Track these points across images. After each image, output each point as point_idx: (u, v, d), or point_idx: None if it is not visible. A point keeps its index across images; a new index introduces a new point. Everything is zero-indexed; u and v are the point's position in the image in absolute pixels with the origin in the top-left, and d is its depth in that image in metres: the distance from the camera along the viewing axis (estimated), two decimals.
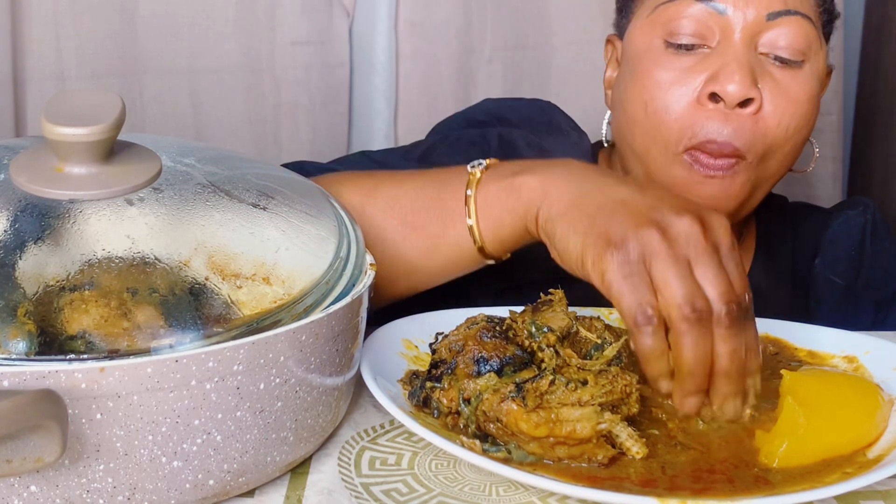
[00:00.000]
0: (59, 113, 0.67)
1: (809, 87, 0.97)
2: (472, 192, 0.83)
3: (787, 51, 0.96)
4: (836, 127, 1.72)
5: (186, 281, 0.64)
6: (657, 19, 0.98)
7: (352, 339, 0.71)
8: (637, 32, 1.01)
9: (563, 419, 0.67)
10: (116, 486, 0.60)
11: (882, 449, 0.70)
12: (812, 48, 0.97)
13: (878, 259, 1.11)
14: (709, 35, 0.96)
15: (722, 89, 0.94)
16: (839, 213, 1.13)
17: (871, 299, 1.10)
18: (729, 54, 0.95)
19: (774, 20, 0.96)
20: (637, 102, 0.99)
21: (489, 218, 0.83)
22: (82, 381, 0.58)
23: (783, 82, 0.96)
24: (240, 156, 0.81)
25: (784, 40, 0.96)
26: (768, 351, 0.85)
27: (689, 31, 0.96)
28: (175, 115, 1.60)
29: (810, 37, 0.97)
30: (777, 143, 0.97)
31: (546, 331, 0.75)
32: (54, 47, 1.54)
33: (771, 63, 0.96)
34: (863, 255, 1.10)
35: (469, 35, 1.64)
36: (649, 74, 0.98)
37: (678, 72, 0.96)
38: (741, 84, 0.93)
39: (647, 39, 0.99)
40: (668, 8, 0.98)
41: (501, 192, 0.82)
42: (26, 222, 0.65)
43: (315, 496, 0.67)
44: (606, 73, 1.08)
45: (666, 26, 0.97)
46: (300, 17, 1.59)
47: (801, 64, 0.97)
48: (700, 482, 0.66)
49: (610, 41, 1.09)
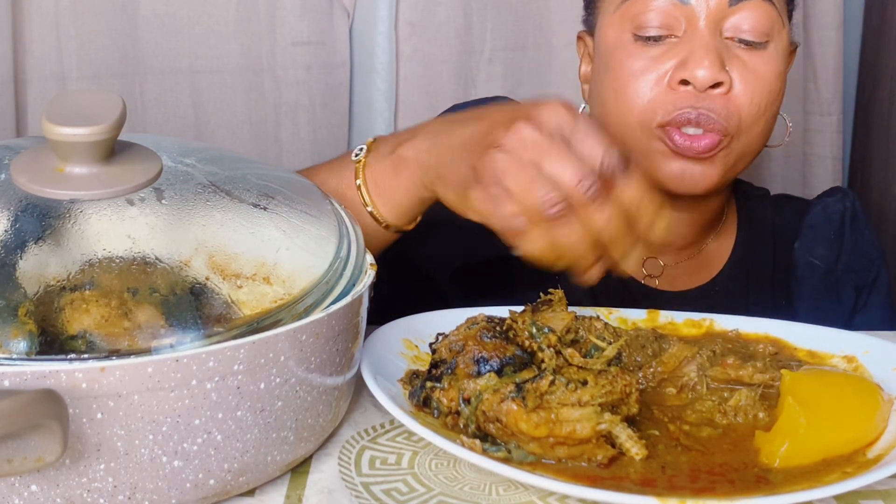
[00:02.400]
0: (59, 113, 0.68)
1: (775, 65, 1.02)
2: (360, 181, 0.88)
3: (751, 33, 1.00)
4: (836, 127, 1.72)
5: (187, 281, 0.64)
6: (625, 14, 1.03)
7: (352, 338, 0.71)
8: (606, 28, 1.05)
9: (563, 419, 0.67)
10: (117, 486, 0.60)
11: (882, 448, 0.70)
12: (775, 28, 1.02)
13: (858, 245, 1.15)
14: (675, 25, 1.00)
15: (691, 75, 0.98)
16: (818, 201, 1.18)
17: (852, 284, 1.14)
18: (696, 41, 0.99)
19: (736, 5, 1.00)
20: (609, 93, 1.03)
21: (384, 198, 0.88)
22: (83, 381, 0.58)
23: (750, 63, 1.01)
24: (240, 156, 0.81)
25: (747, 24, 1.00)
26: (768, 351, 0.85)
27: (655, 23, 1.01)
28: (176, 115, 1.61)
29: (772, 17, 1.01)
30: (750, 120, 1.01)
31: (547, 331, 0.75)
32: (55, 48, 1.54)
33: (737, 46, 1.01)
34: (842, 240, 1.15)
35: (469, 35, 1.64)
36: (621, 66, 1.02)
37: (648, 60, 1.01)
38: (710, 69, 0.98)
39: (617, 34, 1.03)
40: (635, 3, 1.02)
41: (387, 173, 0.87)
42: (27, 222, 0.65)
43: (315, 495, 0.67)
44: (581, 69, 1.13)
45: (633, 20, 1.02)
46: (300, 17, 1.59)
47: (766, 45, 1.01)
48: (700, 482, 0.66)
49: (581, 38, 1.13)
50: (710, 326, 0.89)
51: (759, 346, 0.86)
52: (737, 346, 0.86)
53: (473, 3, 1.63)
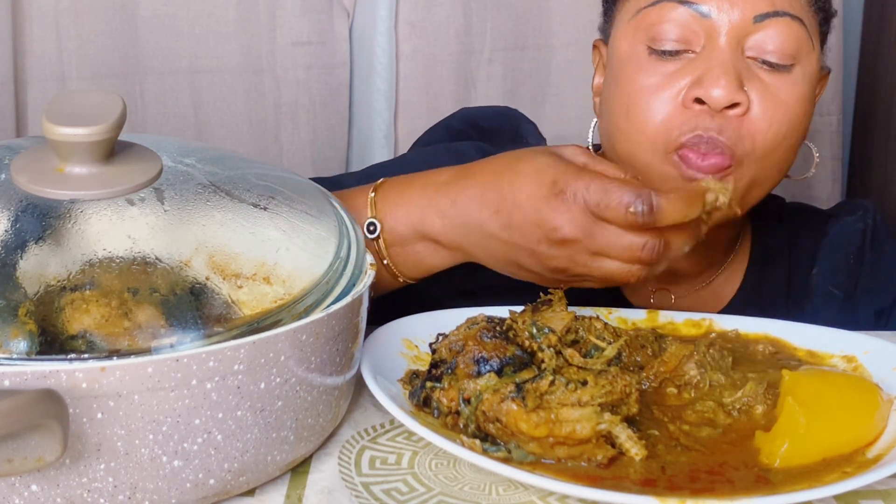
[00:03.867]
0: (60, 113, 0.68)
1: (800, 90, 0.94)
2: (388, 261, 0.88)
3: (776, 54, 0.93)
4: (835, 127, 1.72)
5: (187, 281, 0.64)
6: (639, 24, 0.95)
7: (352, 338, 0.71)
8: (620, 38, 0.98)
9: (563, 419, 0.67)
10: (117, 486, 0.60)
11: (881, 448, 0.70)
12: (802, 50, 0.94)
13: (878, 264, 1.08)
14: (693, 39, 0.93)
15: (706, 94, 0.90)
16: (837, 220, 1.10)
17: (871, 307, 1.07)
18: (714, 58, 0.92)
19: (762, 22, 0.92)
20: (620, 109, 0.96)
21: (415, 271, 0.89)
22: (83, 381, 0.58)
23: (772, 85, 0.93)
24: (240, 156, 0.81)
25: (772, 43, 0.92)
26: (768, 351, 0.85)
27: (672, 36, 0.93)
28: (176, 115, 1.61)
29: (801, 39, 0.93)
30: (768, 147, 0.93)
31: (547, 331, 0.75)
32: (55, 48, 1.54)
33: (759, 66, 0.93)
34: (862, 261, 1.07)
35: (469, 35, 1.64)
36: (632, 81, 0.95)
37: (662, 77, 0.93)
38: (727, 89, 0.90)
39: (630, 45, 0.96)
40: (651, 12, 0.94)
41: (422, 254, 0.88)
42: (27, 222, 0.65)
43: (315, 495, 0.67)
44: (594, 80, 1.06)
45: (648, 31, 0.94)
46: (300, 17, 1.59)
47: (791, 67, 0.93)
48: (699, 482, 0.66)
49: (596, 46, 1.06)
50: (709, 326, 0.89)
51: (758, 346, 0.86)
52: (737, 346, 0.86)
53: (473, 3, 1.63)
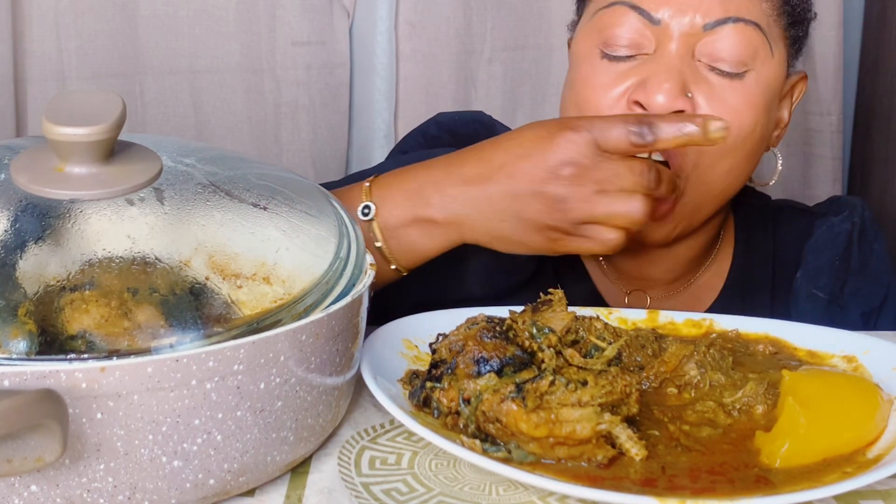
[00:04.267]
0: (59, 113, 0.68)
1: (750, 97, 0.92)
2: (380, 244, 0.87)
3: (727, 62, 0.92)
4: (835, 127, 1.72)
5: (187, 281, 0.64)
6: (595, 25, 0.96)
7: (352, 338, 0.71)
8: (580, 37, 0.99)
9: (563, 420, 0.67)
10: (117, 486, 0.60)
11: (882, 448, 0.70)
12: (758, 56, 0.92)
13: (866, 263, 1.06)
14: (645, 44, 0.93)
15: (647, 99, 0.90)
16: (823, 219, 1.08)
17: (859, 310, 1.05)
18: (662, 63, 0.91)
19: (712, 29, 0.91)
20: (572, 106, 0.97)
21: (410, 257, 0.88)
22: (83, 381, 0.58)
23: (721, 91, 0.92)
24: (240, 156, 0.81)
25: (725, 50, 0.91)
26: (768, 351, 0.85)
27: (624, 41, 0.93)
28: (175, 115, 1.61)
29: (754, 43, 0.92)
30: (714, 156, 0.92)
31: (547, 331, 0.75)
32: (55, 47, 1.54)
33: (709, 70, 0.92)
34: (849, 263, 1.06)
35: (469, 35, 1.64)
36: (585, 80, 0.95)
37: (612, 76, 0.94)
38: (668, 94, 0.89)
39: (587, 46, 0.97)
40: (605, 14, 0.95)
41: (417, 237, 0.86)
42: (27, 222, 0.65)
43: (315, 496, 0.67)
44: None
45: (602, 34, 0.95)
46: (300, 17, 1.59)
47: (744, 74, 0.92)
48: (700, 482, 0.66)
49: (569, 44, 1.06)
50: (709, 326, 0.89)
51: (758, 346, 0.86)
52: (737, 346, 0.86)
53: (473, 3, 1.63)
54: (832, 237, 1.06)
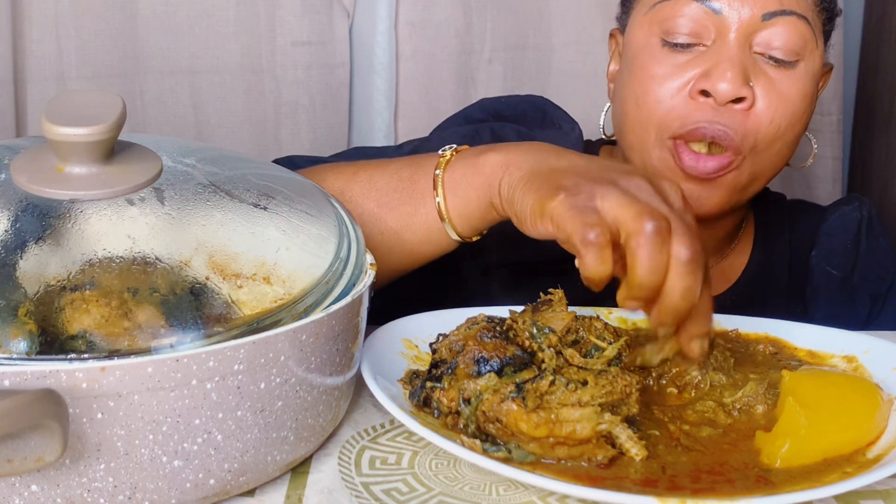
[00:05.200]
0: (59, 113, 0.68)
1: (802, 86, 0.99)
2: (440, 171, 0.86)
3: (782, 51, 0.98)
4: (836, 127, 1.72)
5: (187, 280, 0.64)
6: (655, 17, 1.00)
7: (352, 338, 0.71)
8: (636, 29, 1.03)
9: (563, 419, 0.67)
10: (117, 486, 0.60)
11: (882, 448, 0.70)
12: (807, 47, 0.99)
13: (874, 254, 1.13)
14: (704, 34, 0.98)
15: (713, 87, 0.96)
16: (835, 208, 1.16)
17: (868, 292, 1.13)
18: (723, 53, 0.97)
19: (769, 20, 0.97)
20: (631, 95, 1.01)
21: (456, 196, 0.85)
22: (83, 381, 0.58)
23: (777, 81, 0.98)
24: (240, 156, 0.81)
25: (779, 40, 0.98)
26: (768, 351, 0.85)
27: (685, 30, 0.98)
28: (176, 115, 1.61)
29: (805, 36, 0.98)
30: (768, 140, 0.98)
31: (547, 331, 0.75)
32: (55, 48, 1.54)
33: (765, 62, 0.98)
34: (858, 248, 1.13)
35: (469, 35, 1.64)
36: (644, 70, 1.00)
37: (672, 67, 0.99)
38: (732, 83, 0.95)
39: (645, 37, 1.01)
40: (666, 6, 1.00)
41: (467, 170, 0.85)
42: (27, 222, 0.65)
43: (315, 495, 0.67)
44: (610, 67, 1.11)
45: (663, 24, 1.00)
46: (300, 17, 1.59)
47: (795, 63, 0.99)
48: (700, 482, 0.66)
49: (613, 35, 1.11)
50: None
51: (758, 346, 0.86)
52: (737, 345, 0.86)
53: (473, 3, 1.63)
54: (845, 223, 1.14)
